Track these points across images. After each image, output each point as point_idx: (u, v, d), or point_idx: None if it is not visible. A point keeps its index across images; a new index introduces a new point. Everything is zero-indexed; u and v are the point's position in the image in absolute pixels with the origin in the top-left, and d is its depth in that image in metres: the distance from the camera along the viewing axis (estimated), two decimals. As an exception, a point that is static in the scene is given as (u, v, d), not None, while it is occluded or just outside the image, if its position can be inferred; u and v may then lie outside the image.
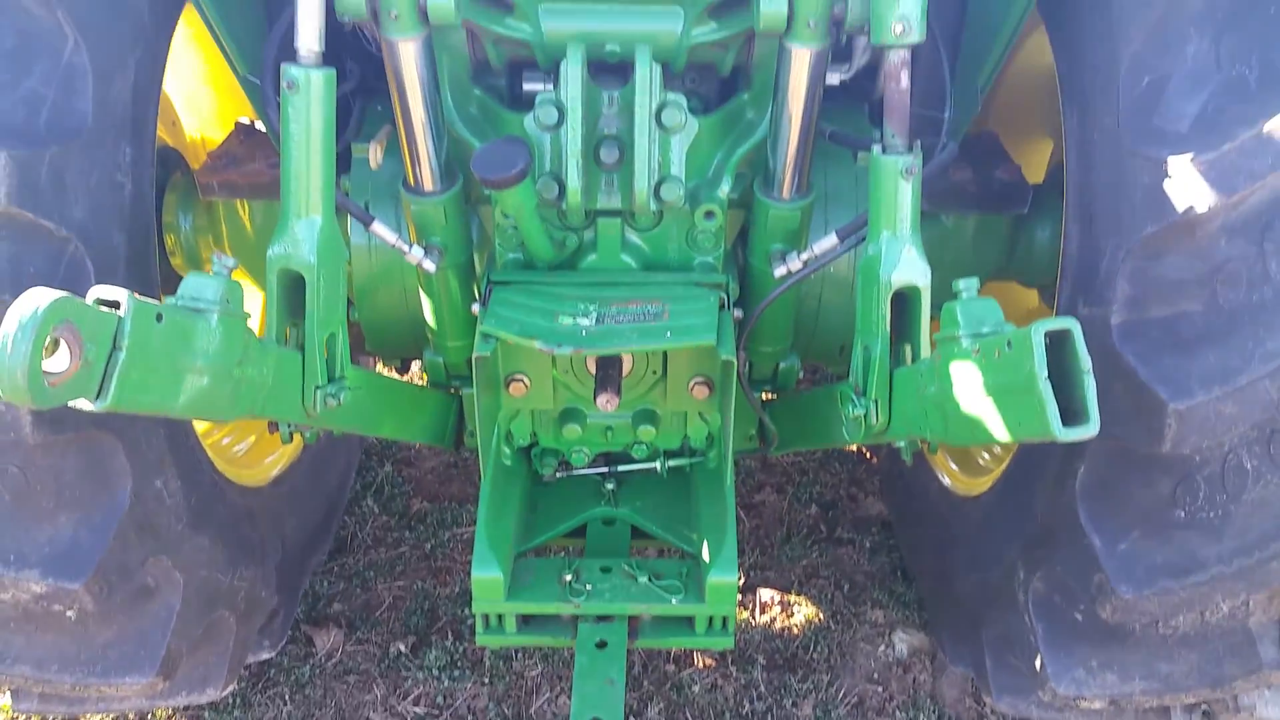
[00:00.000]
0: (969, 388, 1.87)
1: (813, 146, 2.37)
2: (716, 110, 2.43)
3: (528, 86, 2.44)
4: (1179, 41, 2.00)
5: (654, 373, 2.51)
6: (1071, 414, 1.70)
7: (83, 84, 2.00)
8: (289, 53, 2.05)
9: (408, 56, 2.16)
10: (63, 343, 1.50)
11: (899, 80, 2.06)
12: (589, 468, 2.77)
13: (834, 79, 2.50)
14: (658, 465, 2.77)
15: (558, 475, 2.78)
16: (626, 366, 2.49)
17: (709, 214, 2.41)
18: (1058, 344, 1.72)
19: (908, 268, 2.12)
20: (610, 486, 2.80)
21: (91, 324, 1.55)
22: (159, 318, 1.70)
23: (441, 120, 2.32)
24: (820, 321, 2.81)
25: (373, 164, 2.48)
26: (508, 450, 2.67)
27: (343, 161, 2.53)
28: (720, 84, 2.51)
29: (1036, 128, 3.11)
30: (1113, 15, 2.09)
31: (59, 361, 1.51)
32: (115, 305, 1.62)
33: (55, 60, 1.97)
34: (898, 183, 2.10)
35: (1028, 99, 2.93)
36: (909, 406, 2.12)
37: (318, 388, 2.14)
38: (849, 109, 2.74)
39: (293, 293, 2.12)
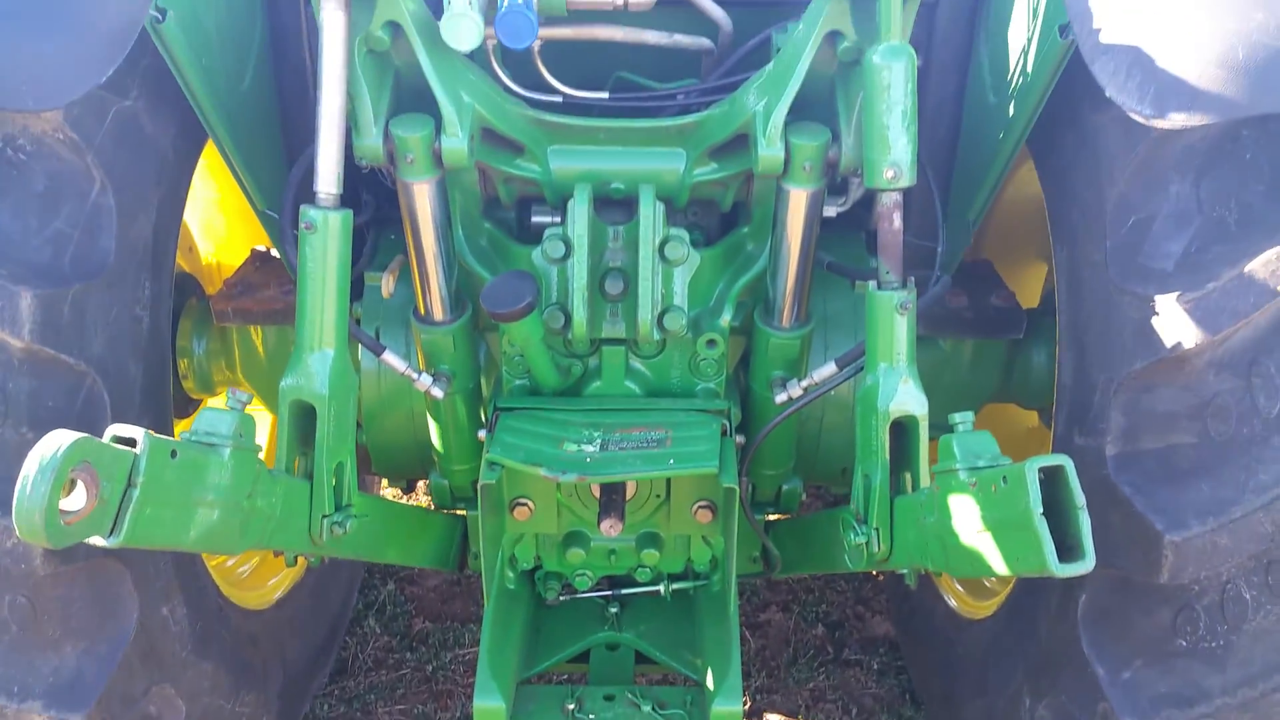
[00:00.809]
0: (967, 521, 1.90)
1: (811, 277, 2.44)
2: (718, 243, 2.51)
3: (536, 219, 2.53)
4: (1161, 184, 2.07)
5: (657, 497, 2.54)
6: (1067, 549, 1.73)
7: (107, 223, 2.09)
8: (307, 192, 2.14)
9: (422, 197, 2.25)
10: (79, 482, 1.55)
11: (892, 221, 2.14)
12: (592, 591, 2.77)
13: (830, 211, 2.60)
14: (661, 589, 2.77)
15: (561, 598, 2.78)
16: (630, 491, 2.51)
17: (711, 342, 2.47)
18: (1052, 479, 1.76)
19: (905, 398, 2.17)
20: (614, 610, 2.79)
21: (108, 463, 1.60)
22: (173, 454, 1.74)
23: (452, 253, 2.40)
24: (822, 444, 2.84)
25: (385, 293, 2.56)
26: (511, 574, 2.68)
27: (355, 288, 2.60)
28: (721, 218, 2.60)
29: (1030, 253, 3.20)
30: (1098, 156, 2.18)
31: (75, 500, 1.55)
32: (131, 443, 1.66)
33: (82, 202, 2.06)
34: (893, 317, 2.16)
35: (1021, 226, 3.02)
36: (910, 535, 2.15)
37: (325, 516, 2.17)
38: (846, 237, 2.83)
39: (303, 423, 2.16)
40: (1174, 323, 1.97)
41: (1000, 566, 1.82)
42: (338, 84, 2.04)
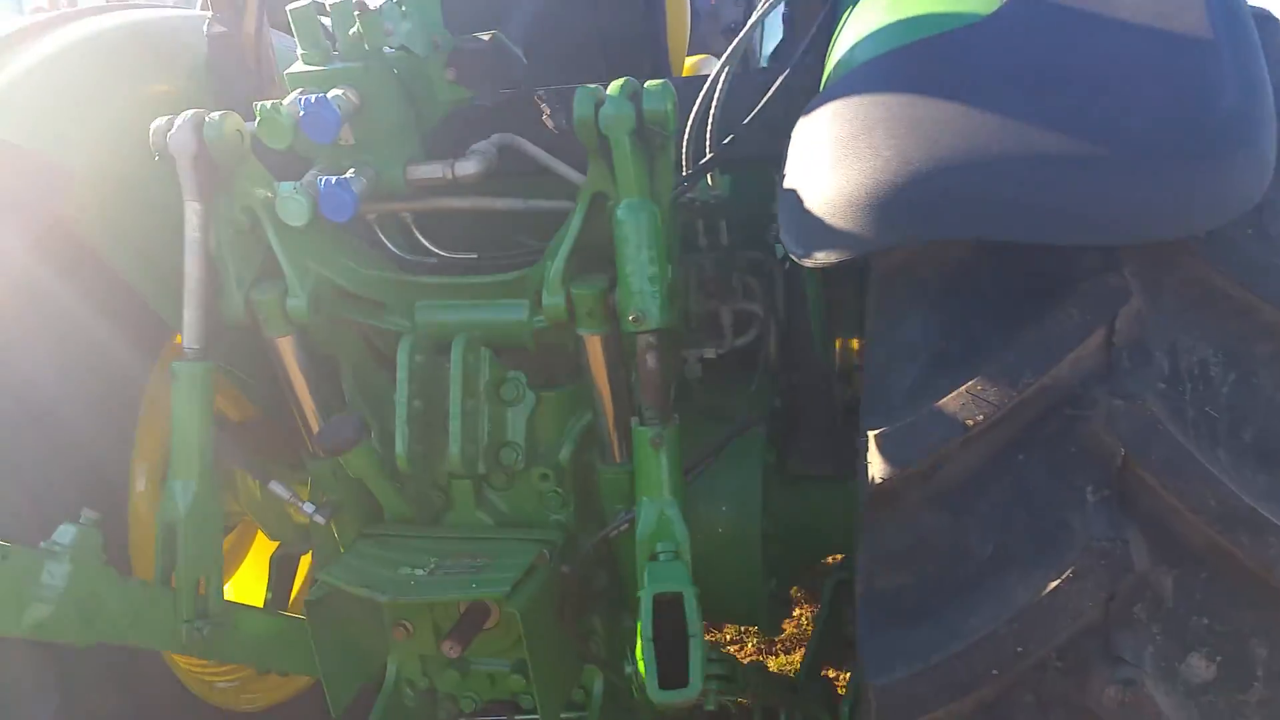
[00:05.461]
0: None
1: (629, 415, 2.57)
2: (563, 386, 2.70)
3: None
4: (900, 319, 2.08)
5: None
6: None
7: None
8: None
9: (286, 349, 2.64)
10: None
11: (646, 361, 2.28)
12: (487, 714, 2.92)
13: (710, 354, 2.77)
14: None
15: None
16: (494, 617, 2.69)
17: (544, 476, 2.65)
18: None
19: (663, 529, 2.25)
20: None
21: None
22: (4, 556, 2.18)
23: (326, 397, 2.74)
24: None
25: None
26: (411, 693, 2.89)
27: None
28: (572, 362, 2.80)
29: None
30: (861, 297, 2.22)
31: None
32: None
33: None
34: (649, 451, 2.27)
35: None
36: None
37: (186, 621, 2.53)
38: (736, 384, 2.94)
39: (173, 541, 2.55)
40: (878, 457, 1.96)
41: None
42: (198, 260, 2.49)
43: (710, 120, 2.45)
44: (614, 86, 2.21)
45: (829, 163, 1.91)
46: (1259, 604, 1.76)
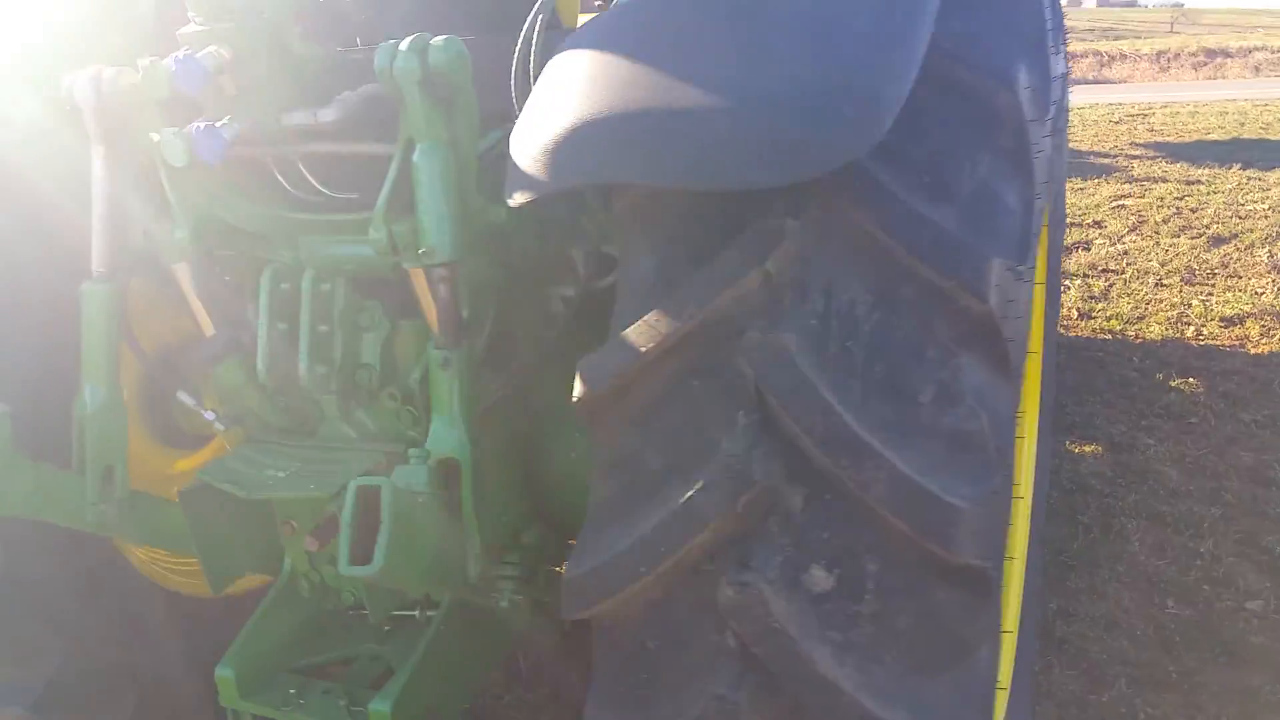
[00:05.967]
0: None
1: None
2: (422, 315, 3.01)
3: None
4: (635, 254, 2.31)
5: None
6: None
7: None
8: None
9: (182, 275, 3.04)
10: None
11: (439, 291, 2.56)
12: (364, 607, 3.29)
13: (569, 293, 3.03)
14: (416, 613, 3.22)
15: (350, 611, 3.33)
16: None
17: (392, 396, 2.97)
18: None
19: (449, 445, 2.55)
20: (386, 628, 3.29)
21: None
22: None
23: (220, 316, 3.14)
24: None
25: None
26: (307, 583, 3.29)
27: None
28: None
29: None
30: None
31: None
32: None
33: None
34: (439, 373, 2.57)
35: None
36: None
37: (92, 504, 2.99)
38: None
39: (82, 436, 3.02)
40: (579, 381, 2.20)
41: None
42: (103, 196, 2.91)
43: (530, 71, 2.70)
44: (405, 42, 2.48)
45: (531, 115, 2.15)
46: (868, 523, 1.93)
